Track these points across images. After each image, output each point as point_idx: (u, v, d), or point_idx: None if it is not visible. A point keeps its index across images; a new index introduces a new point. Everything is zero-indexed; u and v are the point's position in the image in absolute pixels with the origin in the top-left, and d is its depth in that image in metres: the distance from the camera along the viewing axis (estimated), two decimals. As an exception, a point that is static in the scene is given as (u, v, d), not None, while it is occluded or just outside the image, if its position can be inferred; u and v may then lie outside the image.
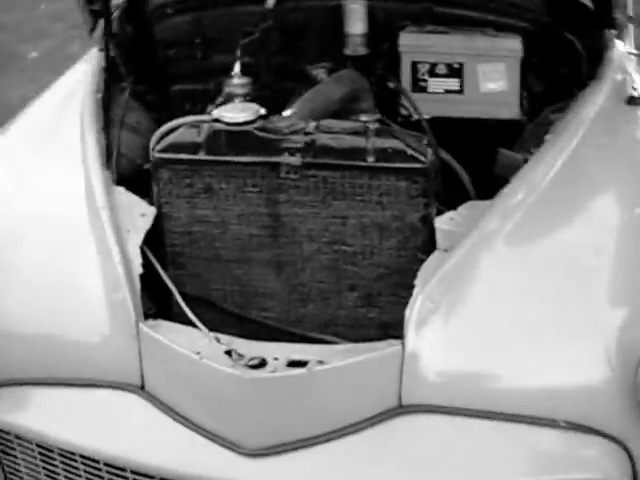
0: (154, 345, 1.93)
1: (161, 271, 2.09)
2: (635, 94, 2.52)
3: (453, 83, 2.66)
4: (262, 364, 1.84)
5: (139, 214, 2.15)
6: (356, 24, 2.79)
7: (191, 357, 1.87)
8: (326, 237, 2.16)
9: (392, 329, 2.19)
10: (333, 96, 2.23)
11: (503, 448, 1.82)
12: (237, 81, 2.61)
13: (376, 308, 2.21)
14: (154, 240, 2.16)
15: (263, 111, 2.16)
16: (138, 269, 2.02)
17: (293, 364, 1.84)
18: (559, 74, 2.69)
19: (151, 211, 2.16)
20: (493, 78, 2.64)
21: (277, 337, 2.06)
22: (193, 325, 1.97)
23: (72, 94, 2.61)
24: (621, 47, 2.73)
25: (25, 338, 2.03)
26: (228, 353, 1.87)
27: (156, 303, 2.11)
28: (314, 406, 1.84)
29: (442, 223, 2.07)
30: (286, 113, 2.15)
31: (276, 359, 1.85)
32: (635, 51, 2.56)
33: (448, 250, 1.99)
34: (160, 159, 2.18)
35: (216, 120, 2.15)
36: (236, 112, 2.15)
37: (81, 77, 2.69)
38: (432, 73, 2.66)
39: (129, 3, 2.99)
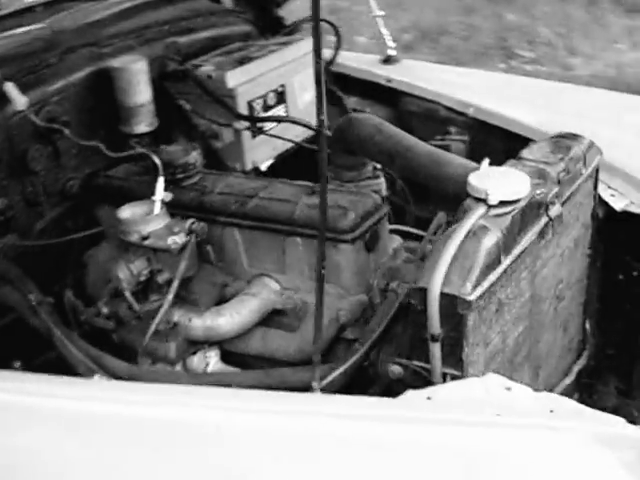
0: None
1: None
2: (391, 53, 2.48)
3: (280, 110, 2.13)
4: None
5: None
6: (143, 91, 1.94)
7: None
8: (553, 283, 1.71)
9: (575, 343, 1.94)
10: None
11: None
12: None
13: (567, 330, 1.87)
14: None
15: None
16: None
17: None
18: None
19: (502, 396, 1.32)
20: (306, 87, 2.20)
21: None
22: None
23: None
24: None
25: None
26: None
27: None
28: None
29: (617, 203, 1.87)
30: (485, 164, 1.56)
31: None
32: (380, 12, 2.43)
33: None
34: (478, 298, 1.37)
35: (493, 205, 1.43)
36: (510, 185, 1.45)
37: None
38: (265, 107, 2.08)
39: None
